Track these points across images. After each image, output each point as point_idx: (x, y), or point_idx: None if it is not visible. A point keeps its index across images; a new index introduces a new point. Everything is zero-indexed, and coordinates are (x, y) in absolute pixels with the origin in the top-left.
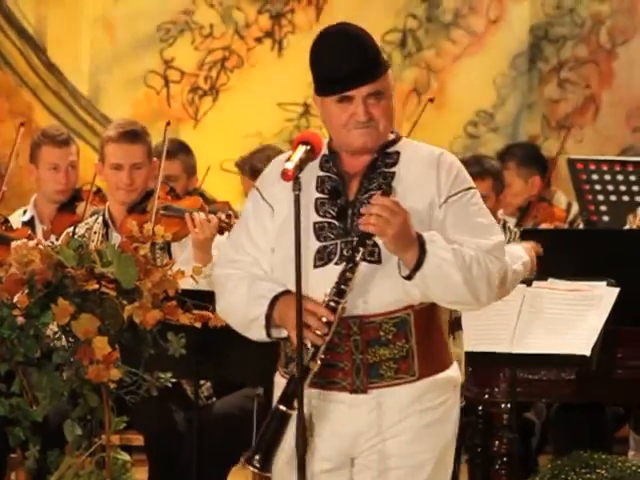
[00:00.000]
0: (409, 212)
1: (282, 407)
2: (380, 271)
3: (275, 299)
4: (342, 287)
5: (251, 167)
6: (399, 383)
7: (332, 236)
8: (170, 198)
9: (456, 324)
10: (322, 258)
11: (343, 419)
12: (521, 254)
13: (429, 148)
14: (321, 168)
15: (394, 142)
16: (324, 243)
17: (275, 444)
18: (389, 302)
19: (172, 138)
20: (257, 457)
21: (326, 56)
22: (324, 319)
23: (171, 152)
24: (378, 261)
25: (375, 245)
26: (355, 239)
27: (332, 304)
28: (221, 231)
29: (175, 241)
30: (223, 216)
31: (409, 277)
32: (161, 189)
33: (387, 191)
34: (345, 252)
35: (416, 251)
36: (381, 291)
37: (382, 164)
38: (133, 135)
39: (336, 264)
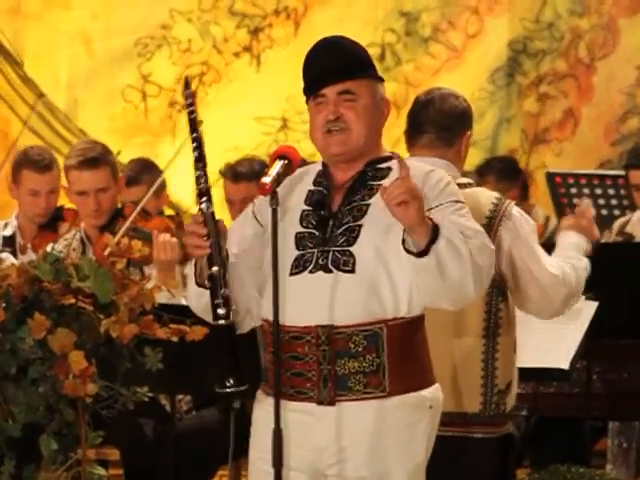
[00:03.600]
0: (394, 225)
1: (219, 322)
2: (353, 281)
3: None
4: (199, 187)
5: (234, 172)
6: (367, 398)
7: (310, 245)
8: (139, 217)
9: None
10: (298, 266)
11: (309, 431)
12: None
13: (421, 165)
14: (314, 182)
15: (389, 159)
16: (302, 252)
17: (235, 359)
18: (360, 313)
19: (133, 160)
20: (230, 381)
21: (308, 60)
22: (199, 229)
23: (133, 178)
24: (352, 271)
25: (350, 255)
26: (331, 249)
27: (199, 207)
28: (187, 258)
29: (145, 265)
30: None
31: (425, 251)
32: (129, 208)
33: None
34: (320, 260)
35: (430, 224)
36: (353, 302)
37: (371, 177)
38: (93, 162)
39: (310, 272)
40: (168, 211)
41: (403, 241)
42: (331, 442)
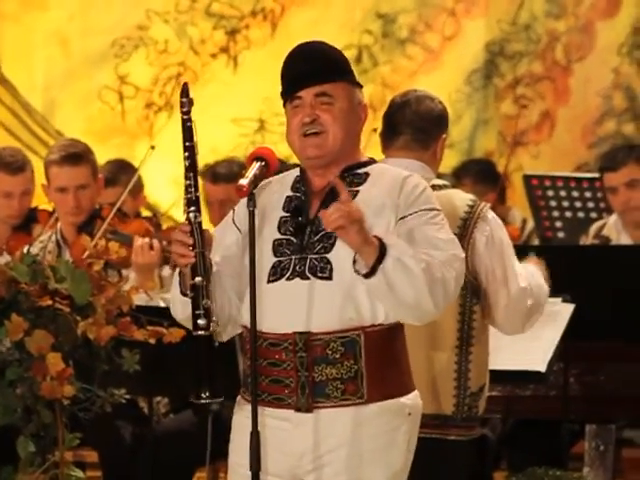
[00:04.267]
0: (369, 229)
1: (199, 332)
2: (331, 288)
3: None
4: (188, 196)
5: (213, 173)
6: (345, 405)
7: (288, 252)
8: (117, 219)
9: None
10: (275, 273)
11: (287, 438)
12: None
13: (398, 171)
14: (292, 188)
15: (366, 164)
16: (279, 258)
17: (211, 371)
18: (337, 320)
19: (110, 161)
20: (206, 393)
21: (285, 64)
22: (186, 238)
23: (111, 179)
24: (329, 278)
25: (327, 262)
26: (309, 256)
27: (187, 216)
28: (166, 261)
29: (123, 267)
30: (167, 245)
31: (372, 271)
32: (107, 209)
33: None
34: (298, 267)
35: (376, 244)
36: (330, 308)
37: (348, 183)
38: (76, 157)
39: (288, 279)
40: (145, 212)
41: (354, 261)
42: (309, 448)
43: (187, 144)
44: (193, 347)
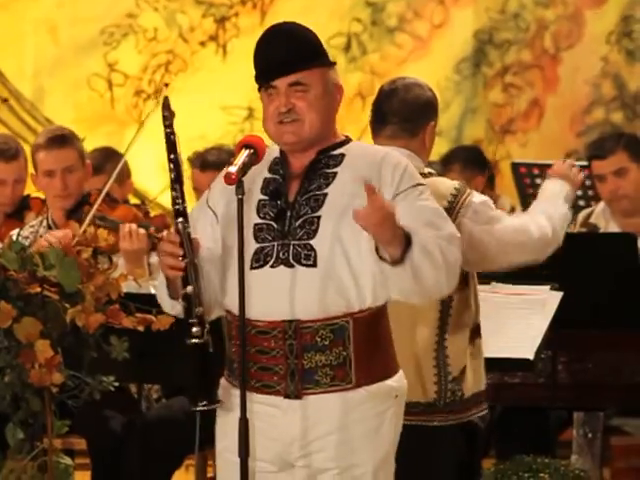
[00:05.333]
0: (350, 212)
1: (193, 340)
2: (316, 275)
3: None
4: (176, 207)
5: (202, 160)
6: (335, 390)
7: (270, 238)
8: (106, 205)
9: (476, 331)
10: (259, 260)
11: (277, 424)
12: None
13: (375, 148)
14: (269, 170)
15: (342, 144)
16: (261, 245)
17: (208, 377)
18: (326, 308)
19: (97, 149)
20: (203, 402)
21: (259, 50)
22: (175, 249)
23: (97, 167)
24: (314, 265)
25: (311, 249)
26: (292, 243)
27: (175, 227)
28: (154, 248)
29: (113, 254)
30: (154, 231)
31: (400, 260)
32: (95, 195)
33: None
34: (281, 254)
35: (402, 234)
36: (317, 296)
37: (325, 165)
38: (62, 140)
39: (272, 267)
40: (133, 199)
41: (376, 249)
42: (298, 434)
43: (171, 157)
44: (182, 334)
